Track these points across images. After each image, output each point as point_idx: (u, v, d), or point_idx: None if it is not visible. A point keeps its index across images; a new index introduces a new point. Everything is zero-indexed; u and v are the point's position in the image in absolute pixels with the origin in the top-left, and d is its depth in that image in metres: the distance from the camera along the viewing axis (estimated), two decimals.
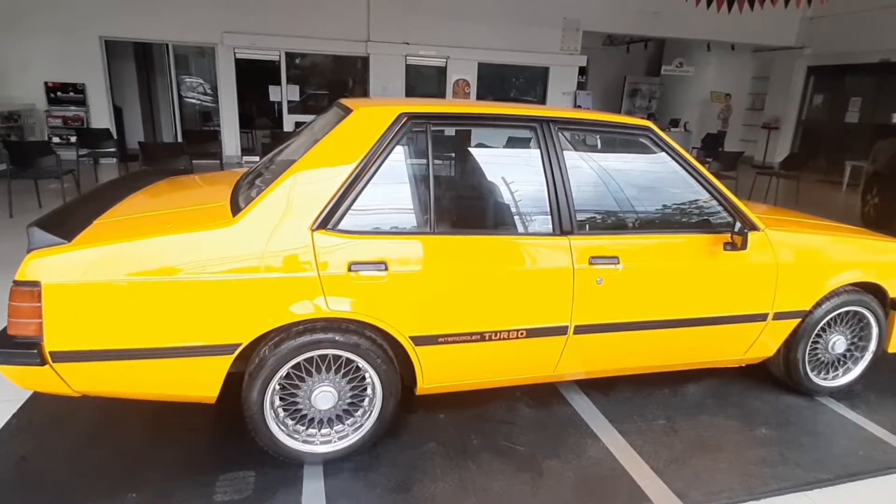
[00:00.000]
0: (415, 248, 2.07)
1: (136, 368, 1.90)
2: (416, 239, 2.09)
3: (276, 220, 1.94)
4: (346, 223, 2.01)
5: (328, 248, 1.97)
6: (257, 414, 2.03)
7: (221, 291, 1.88)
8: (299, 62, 10.84)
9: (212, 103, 12.77)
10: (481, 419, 2.54)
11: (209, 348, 1.91)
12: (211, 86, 12.79)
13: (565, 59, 11.66)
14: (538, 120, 2.27)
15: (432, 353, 2.16)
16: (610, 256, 2.27)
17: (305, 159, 2.03)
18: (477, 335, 2.18)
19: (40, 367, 1.80)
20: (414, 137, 2.15)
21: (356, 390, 2.18)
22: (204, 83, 12.99)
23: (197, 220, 1.98)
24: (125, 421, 2.42)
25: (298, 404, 2.12)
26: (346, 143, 2.05)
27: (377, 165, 2.05)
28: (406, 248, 2.06)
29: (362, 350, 2.07)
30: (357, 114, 2.11)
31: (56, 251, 1.79)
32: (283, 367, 2.01)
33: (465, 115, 2.19)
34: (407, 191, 2.16)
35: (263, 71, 10.54)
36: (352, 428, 2.22)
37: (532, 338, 2.25)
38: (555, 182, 2.24)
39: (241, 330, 1.93)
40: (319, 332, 2.01)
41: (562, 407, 2.67)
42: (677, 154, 2.41)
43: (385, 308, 2.05)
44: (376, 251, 2.02)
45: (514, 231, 2.26)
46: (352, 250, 2.00)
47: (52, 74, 9.17)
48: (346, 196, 2.00)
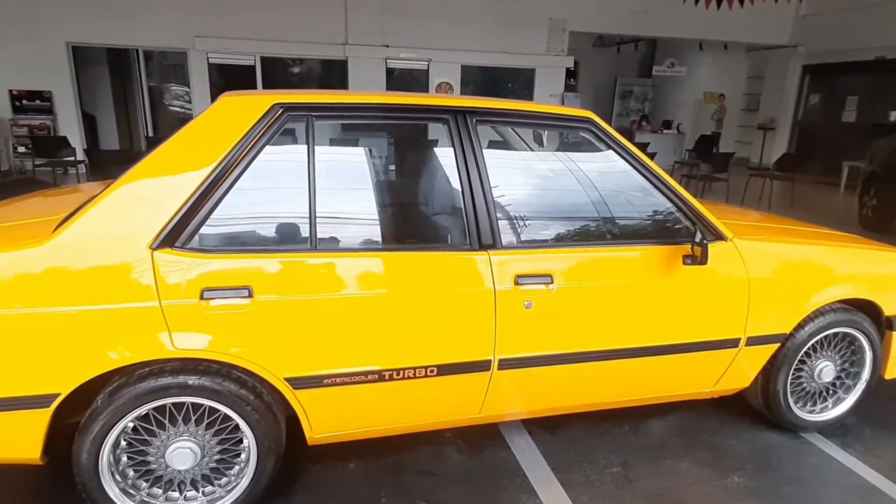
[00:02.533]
0: (289, 269, 1.67)
1: None
2: (292, 257, 1.69)
3: (104, 235, 1.55)
4: (200, 239, 1.62)
5: (174, 270, 1.57)
6: (90, 480, 1.62)
7: (26, 329, 1.48)
8: (276, 67, 10.50)
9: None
10: (399, 469, 2.13)
11: (16, 401, 1.51)
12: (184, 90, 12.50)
13: (552, 61, 11.30)
14: (450, 111, 1.87)
15: (317, 396, 1.75)
16: (541, 275, 1.86)
17: (148, 160, 1.63)
18: (374, 374, 1.77)
19: None
20: (292, 134, 1.75)
21: (228, 443, 1.77)
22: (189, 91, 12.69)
23: (9, 238, 1.58)
24: None
25: (150, 464, 1.72)
26: (203, 140, 1.66)
27: (242, 168, 1.66)
28: (278, 268, 1.66)
29: (226, 396, 1.66)
30: (219, 104, 1.72)
31: None
32: (122, 420, 1.61)
33: (356, 107, 1.79)
34: (282, 199, 1.76)
35: (239, 76, 10.21)
36: (224, 489, 1.81)
37: (445, 375, 1.84)
38: (471, 185, 1.84)
39: (57, 376, 1.53)
40: (168, 375, 1.61)
41: (498, 451, 2.26)
42: (626, 151, 2.01)
43: (250, 344, 1.64)
44: (238, 273, 1.62)
45: (421, 246, 1.85)
46: (205, 273, 1.60)
47: (17, 82, 8.83)
48: (199, 206, 1.61)
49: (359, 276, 1.73)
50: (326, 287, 1.70)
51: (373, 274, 1.75)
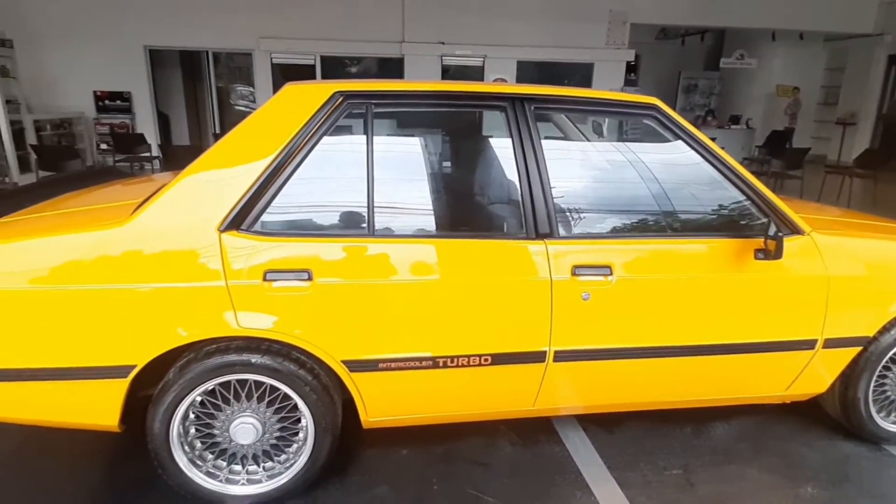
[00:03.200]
0: (348, 254, 1.70)
1: (22, 392, 1.63)
2: (351, 242, 1.72)
3: (176, 218, 1.63)
4: (264, 223, 1.67)
5: (240, 252, 1.64)
6: (162, 448, 1.72)
7: (108, 303, 1.59)
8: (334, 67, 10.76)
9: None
10: (451, 458, 2.13)
11: (98, 370, 1.62)
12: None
13: (611, 55, 10.98)
14: (508, 98, 1.84)
15: (373, 380, 1.78)
16: (600, 266, 1.81)
17: (218, 146, 1.71)
18: (428, 360, 1.78)
19: None
20: (352, 121, 1.78)
21: (287, 422, 1.83)
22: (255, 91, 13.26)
23: (89, 220, 1.70)
24: (54, 444, 2.18)
25: (216, 436, 1.80)
26: (267, 128, 1.72)
27: (304, 154, 1.70)
28: (337, 252, 1.70)
29: (286, 376, 1.72)
30: (283, 92, 1.77)
31: None
32: (192, 394, 1.69)
33: (414, 94, 1.80)
34: (341, 185, 1.79)
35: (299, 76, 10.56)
36: (283, 466, 1.87)
37: (499, 365, 1.82)
38: (528, 173, 1.81)
39: (134, 349, 1.62)
40: (233, 352, 1.68)
41: (551, 446, 2.21)
42: (693, 138, 1.91)
43: (309, 325, 1.69)
44: (299, 257, 1.67)
45: (477, 234, 1.84)
46: (268, 255, 1.65)
47: (101, 83, 9.50)
48: (263, 190, 1.67)
49: (414, 263, 1.74)
50: (383, 272, 1.72)
51: (428, 261, 1.75)
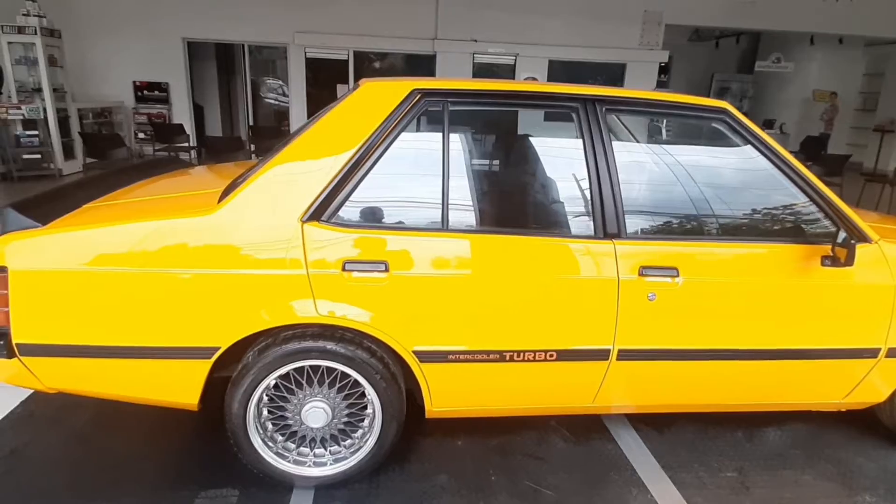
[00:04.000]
0: (422, 247, 1.75)
1: (109, 368, 1.72)
2: (425, 236, 1.76)
3: (262, 208, 1.70)
4: (343, 215, 1.73)
5: (320, 242, 1.70)
6: (239, 427, 1.79)
7: (197, 287, 1.66)
8: (366, 63, 10.86)
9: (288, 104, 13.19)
10: (506, 451, 2.17)
11: (183, 351, 1.70)
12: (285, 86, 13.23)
13: (645, 55, 10.88)
14: (580, 99, 1.87)
15: (441, 371, 1.83)
16: (666, 267, 1.83)
17: (300, 141, 1.77)
18: (495, 354, 1.82)
19: (7, 359, 1.65)
20: (429, 119, 1.83)
21: (355, 408, 1.89)
22: (283, 85, 13.46)
23: (178, 207, 1.77)
24: (126, 419, 2.28)
25: (288, 419, 1.87)
26: (348, 123, 1.77)
27: (383, 149, 1.75)
28: (412, 246, 1.75)
29: (358, 363, 1.78)
30: (363, 89, 1.83)
31: (27, 235, 1.64)
32: (268, 377, 1.76)
33: (490, 94, 1.84)
34: (417, 181, 1.84)
35: (332, 70, 10.68)
36: (349, 450, 1.93)
37: (564, 361, 1.86)
38: (599, 173, 1.83)
39: (219, 332, 1.70)
40: (310, 339, 1.75)
41: (604, 444, 2.25)
42: (762, 143, 1.92)
43: (384, 315, 1.74)
44: (376, 248, 1.72)
45: (546, 232, 1.87)
46: (347, 246, 1.71)
47: (140, 74, 9.72)
48: (344, 183, 1.72)
49: (486, 258, 1.78)
50: (456, 266, 1.76)
51: (499, 257, 1.79)
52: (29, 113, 7.37)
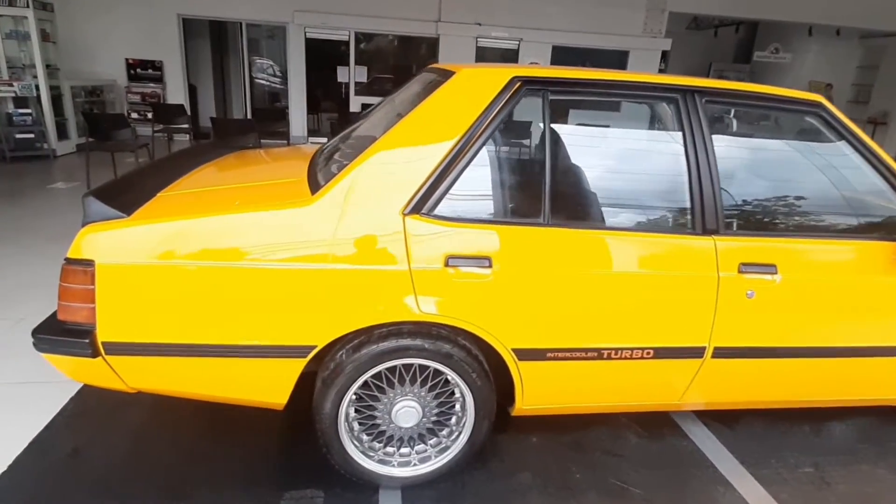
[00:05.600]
0: (526, 242, 1.69)
1: (199, 367, 1.63)
2: (529, 230, 1.70)
3: (362, 200, 1.61)
4: (444, 208, 1.65)
5: (422, 237, 1.62)
6: (330, 427, 1.73)
7: (297, 283, 1.57)
8: (366, 45, 10.62)
9: (280, 85, 12.88)
10: (582, 448, 2.15)
11: (279, 349, 1.62)
12: (280, 68, 12.90)
13: (647, 43, 10.86)
14: (680, 90, 1.81)
15: (538, 369, 1.78)
16: (766, 264, 1.80)
17: (398, 129, 1.68)
18: (593, 352, 1.78)
19: (91, 359, 1.55)
20: (528, 108, 1.75)
21: (443, 406, 1.84)
22: (273, 65, 13.13)
23: (271, 197, 1.68)
24: (187, 416, 2.19)
25: (377, 419, 1.81)
26: (448, 112, 1.69)
27: (483, 139, 1.67)
28: (514, 240, 1.68)
29: (455, 361, 1.72)
30: (461, 76, 1.74)
31: (113, 226, 1.53)
32: (362, 376, 1.69)
33: (590, 83, 1.77)
34: (518, 171, 1.77)
35: (331, 52, 10.44)
36: (436, 450, 1.88)
37: (660, 359, 1.83)
38: (699, 167, 1.79)
39: (318, 330, 1.62)
40: (406, 337, 1.68)
41: (678, 440, 2.23)
42: (857, 139, 1.89)
43: (487, 313, 1.68)
44: (480, 243, 1.66)
45: (647, 227, 1.82)
46: (450, 241, 1.64)
47: (133, 51, 9.36)
48: (445, 175, 1.64)
49: (587, 254, 1.73)
50: (557, 262, 1.71)
51: (600, 251, 1.74)
52: (21, 90, 7.04)
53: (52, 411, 2.17)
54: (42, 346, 1.54)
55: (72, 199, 5.32)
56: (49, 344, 1.54)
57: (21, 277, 3.39)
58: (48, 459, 1.92)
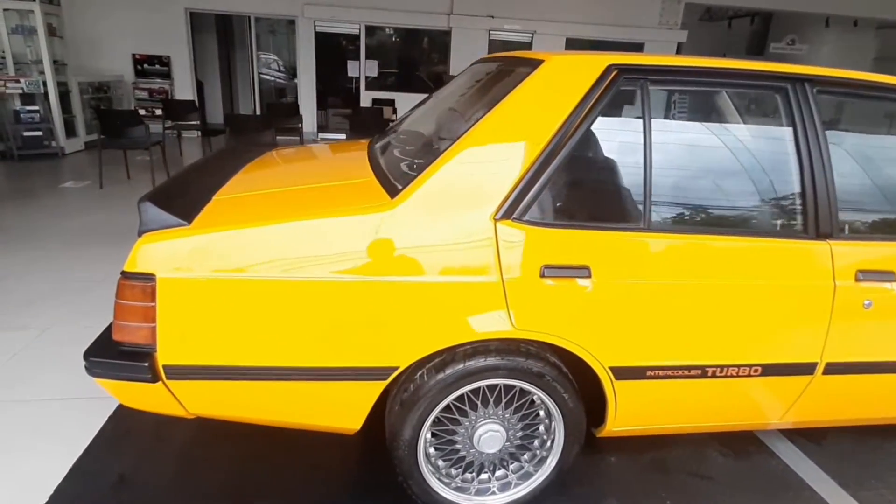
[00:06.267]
0: (625, 248, 1.52)
1: (268, 392, 1.46)
2: (628, 236, 1.53)
3: (449, 203, 1.44)
4: (537, 212, 1.48)
5: (516, 244, 1.45)
6: (410, 455, 1.56)
7: (378, 297, 1.40)
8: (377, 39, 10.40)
9: (284, 80, 12.70)
10: (665, 469, 1.98)
11: (358, 371, 1.45)
12: (284, 63, 12.70)
13: (663, 35, 10.66)
14: (790, 78, 1.64)
15: (635, 389, 1.61)
16: (884, 272, 1.63)
17: (486, 125, 1.50)
18: (697, 369, 1.61)
19: (151, 384, 1.39)
20: (624, 99, 1.58)
21: (527, 429, 1.68)
22: (278, 59, 12.95)
23: (345, 201, 1.50)
24: (234, 435, 2.03)
25: (456, 443, 1.64)
26: (539, 105, 1.51)
27: (579, 135, 1.50)
28: (614, 247, 1.51)
29: (546, 381, 1.55)
30: (551, 65, 1.56)
31: (174, 235, 1.36)
32: (446, 399, 1.53)
33: (692, 71, 1.59)
34: (615, 171, 1.60)
35: (340, 46, 10.26)
36: (516, 475, 1.72)
37: (768, 376, 1.66)
38: (812, 164, 1.61)
39: (400, 349, 1.45)
40: (494, 354, 1.51)
41: (766, 458, 2.07)
42: None
43: (584, 328, 1.51)
44: (577, 250, 1.48)
45: (755, 231, 1.65)
46: (545, 248, 1.47)
47: (140, 47, 9.16)
48: (538, 175, 1.47)
49: (691, 262, 1.56)
50: (659, 272, 1.53)
51: (706, 260, 1.57)
52: (28, 87, 6.85)
53: (91, 432, 2.01)
54: (95, 371, 1.37)
55: (86, 199, 5.15)
56: (103, 368, 1.37)
57: (42, 284, 3.22)
58: (93, 487, 1.75)
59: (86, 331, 2.73)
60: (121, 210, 4.78)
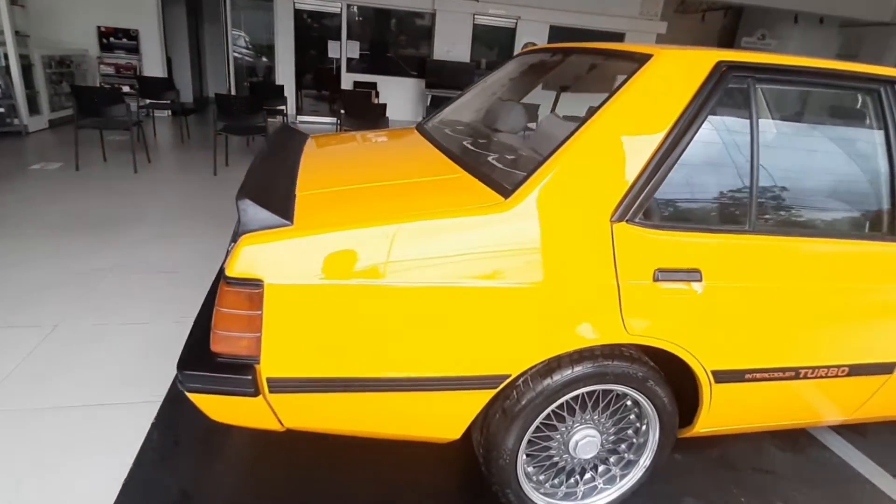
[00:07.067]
0: (735, 251, 1.49)
1: (371, 403, 1.37)
2: (735, 238, 1.50)
3: (567, 204, 1.37)
4: (651, 213, 1.44)
5: (631, 247, 1.40)
6: (510, 465, 1.51)
7: (495, 302, 1.33)
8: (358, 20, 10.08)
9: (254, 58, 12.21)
10: (731, 465, 2.00)
11: (470, 380, 1.38)
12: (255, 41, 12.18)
13: (644, 25, 10.78)
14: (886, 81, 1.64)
15: (731, 391, 1.60)
16: None
17: (599, 122, 1.43)
18: (791, 372, 1.61)
19: (253, 398, 1.27)
20: (731, 98, 1.54)
21: (619, 433, 1.65)
22: (244, 36, 12.41)
23: (455, 200, 1.41)
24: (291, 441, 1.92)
25: (550, 450, 1.60)
26: (653, 102, 1.45)
27: (690, 134, 1.45)
28: (723, 249, 1.48)
29: (649, 386, 1.52)
30: (663, 60, 1.50)
31: (281, 235, 1.24)
32: (550, 406, 1.48)
33: (799, 71, 1.57)
34: (722, 171, 1.56)
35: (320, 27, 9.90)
36: (603, 479, 1.69)
37: (852, 376, 1.68)
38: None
39: (513, 356, 1.38)
40: (600, 359, 1.47)
41: (819, 451, 2.12)
42: None
43: (693, 332, 1.48)
44: (688, 253, 1.45)
45: (853, 234, 1.66)
46: (658, 251, 1.42)
47: (106, 18, 8.56)
48: (652, 174, 1.42)
49: (795, 264, 1.55)
50: (765, 274, 1.52)
51: (809, 263, 1.56)
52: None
53: (135, 442, 1.86)
54: (192, 386, 1.25)
55: (62, 183, 4.78)
56: (202, 382, 1.25)
57: (39, 276, 2.97)
58: None
59: (97, 328, 2.55)
60: (102, 195, 4.47)
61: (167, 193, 4.80)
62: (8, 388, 2.07)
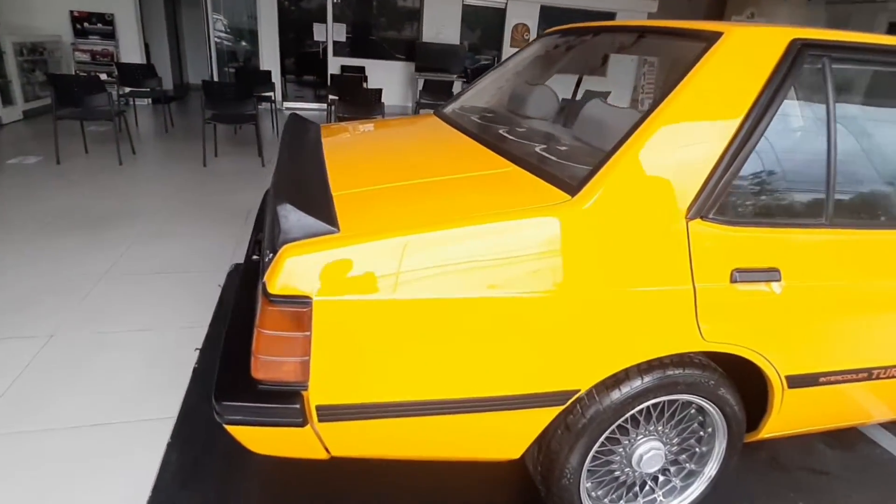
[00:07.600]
0: (814, 247, 1.38)
1: (428, 427, 1.24)
2: (813, 233, 1.38)
3: (639, 203, 1.23)
4: (727, 209, 1.31)
5: (707, 246, 1.27)
6: (574, 484, 1.39)
7: (564, 313, 1.19)
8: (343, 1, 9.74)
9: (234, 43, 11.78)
10: (783, 466, 1.92)
11: (537, 398, 1.25)
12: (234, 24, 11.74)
13: (635, 4, 10.61)
14: None
15: (802, 396, 1.50)
16: None
17: (670, 109, 1.29)
18: (864, 373, 1.51)
19: (301, 428, 1.13)
20: (806, 78, 1.41)
21: (682, 444, 1.54)
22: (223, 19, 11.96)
23: (515, 199, 1.26)
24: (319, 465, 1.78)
25: (612, 465, 1.48)
26: (728, 84, 1.31)
27: (767, 120, 1.32)
28: (803, 245, 1.36)
29: (719, 395, 1.41)
30: (732, 39, 1.36)
31: (328, 244, 1.08)
32: (618, 420, 1.36)
33: (880, 50, 1.44)
34: (798, 160, 1.44)
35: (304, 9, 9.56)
36: (662, 491, 1.59)
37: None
38: None
39: (583, 371, 1.26)
40: (671, 368, 1.35)
41: (870, 448, 2.05)
42: None
43: (770, 336, 1.37)
44: (767, 251, 1.33)
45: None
46: (735, 250, 1.30)
47: (79, 2, 8.13)
48: (728, 167, 1.29)
49: (876, 261, 1.44)
50: (844, 272, 1.41)
51: (884, 259, 1.45)
52: None
53: (150, 467, 1.70)
54: (232, 419, 1.10)
55: (43, 178, 4.51)
56: (245, 414, 1.10)
57: (28, 282, 2.76)
58: None
59: (96, 337, 2.37)
60: (88, 191, 4.23)
61: (156, 187, 4.56)
62: (4, 409, 1.89)
